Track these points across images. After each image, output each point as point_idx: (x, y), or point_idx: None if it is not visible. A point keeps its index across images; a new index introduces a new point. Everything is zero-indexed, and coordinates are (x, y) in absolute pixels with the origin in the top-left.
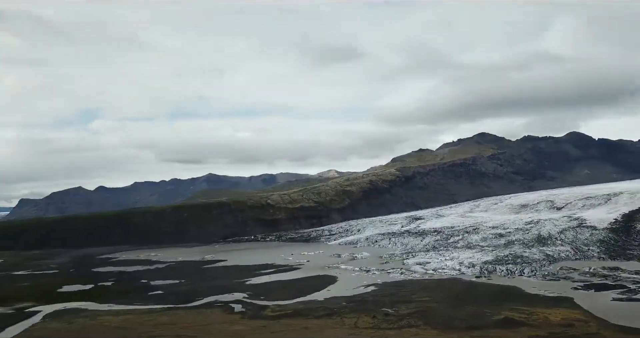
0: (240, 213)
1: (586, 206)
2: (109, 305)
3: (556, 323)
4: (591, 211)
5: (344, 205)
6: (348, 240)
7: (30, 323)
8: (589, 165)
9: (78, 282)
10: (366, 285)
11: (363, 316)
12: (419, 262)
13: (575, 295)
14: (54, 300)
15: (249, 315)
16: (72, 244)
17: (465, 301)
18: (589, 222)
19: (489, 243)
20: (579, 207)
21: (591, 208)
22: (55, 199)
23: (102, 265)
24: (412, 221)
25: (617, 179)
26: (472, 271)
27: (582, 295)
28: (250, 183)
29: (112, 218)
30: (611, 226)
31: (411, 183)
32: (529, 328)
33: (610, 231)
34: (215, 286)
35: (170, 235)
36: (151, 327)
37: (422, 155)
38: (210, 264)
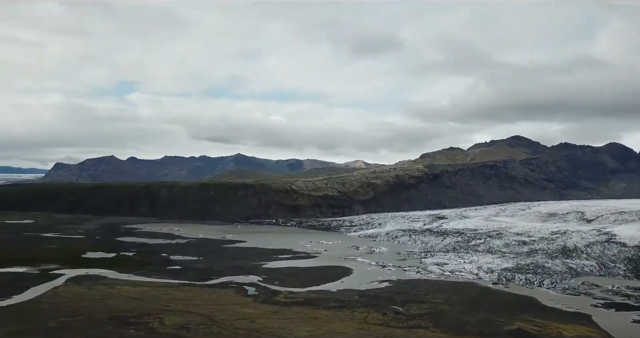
0: (264, 196)
1: (618, 221)
2: (128, 275)
3: None
4: (622, 226)
5: (368, 197)
6: (368, 233)
7: (53, 285)
8: (626, 179)
9: (102, 250)
10: (380, 281)
11: (373, 312)
12: (436, 262)
13: (593, 312)
14: (78, 265)
15: (261, 299)
16: (101, 211)
17: (478, 307)
18: (618, 238)
19: (511, 250)
20: (610, 221)
21: (623, 223)
22: (89, 166)
23: (126, 235)
24: (435, 220)
25: None
26: (490, 277)
27: (601, 314)
28: (276, 167)
29: (141, 189)
30: None
31: (438, 181)
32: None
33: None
34: (232, 267)
35: (194, 211)
36: (166, 301)
37: (452, 153)
38: (230, 244)
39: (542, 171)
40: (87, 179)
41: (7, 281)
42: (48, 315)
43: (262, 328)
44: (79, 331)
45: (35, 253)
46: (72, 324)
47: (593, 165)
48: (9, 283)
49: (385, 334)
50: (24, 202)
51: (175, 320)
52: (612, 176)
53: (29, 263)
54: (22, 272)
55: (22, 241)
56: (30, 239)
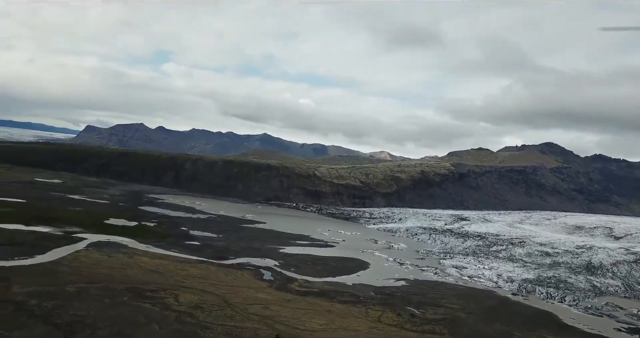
0: (287, 179)
1: None
2: (147, 246)
3: None
4: None
5: (390, 191)
6: (388, 227)
7: (75, 248)
8: None
9: (124, 217)
10: (397, 279)
11: (388, 311)
12: (455, 265)
13: (616, 337)
14: (100, 231)
15: (276, 285)
16: (126, 178)
17: (496, 317)
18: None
19: (533, 260)
20: (639, 241)
21: None
22: (118, 131)
23: (148, 205)
24: (456, 221)
25: None
26: (510, 286)
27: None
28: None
29: (167, 160)
30: None
31: (464, 180)
32: None
33: None
34: (249, 248)
35: (217, 187)
36: (182, 277)
37: (480, 154)
38: (249, 224)
39: (572, 182)
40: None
41: (31, 240)
42: (67, 279)
43: (275, 316)
44: (96, 299)
45: (60, 214)
46: (90, 291)
47: (627, 180)
48: (33, 243)
49: (398, 337)
50: (54, 161)
51: (190, 298)
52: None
53: (54, 224)
54: (46, 232)
55: (49, 200)
56: (57, 199)
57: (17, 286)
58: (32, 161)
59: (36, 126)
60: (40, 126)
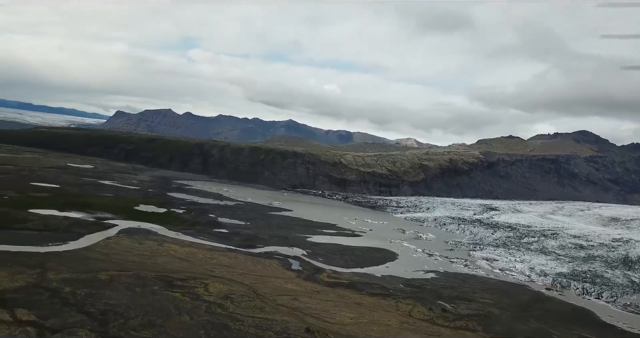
0: (312, 166)
1: None
2: (176, 233)
3: None
4: None
5: (418, 179)
6: (415, 216)
7: (106, 235)
8: None
9: (154, 203)
10: (426, 271)
11: (419, 305)
12: (486, 257)
13: None
14: (130, 217)
15: (304, 275)
16: (154, 163)
17: (531, 314)
18: None
19: (567, 253)
20: None
21: None
22: (147, 116)
23: (177, 191)
24: (486, 210)
25: None
26: (543, 280)
27: None
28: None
29: (194, 146)
30: None
31: (493, 169)
32: None
33: None
34: (277, 237)
35: (244, 173)
36: (212, 265)
37: (510, 142)
38: (276, 211)
39: (608, 171)
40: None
41: (65, 225)
42: (100, 266)
43: (304, 307)
44: (127, 287)
45: (92, 200)
46: (121, 279)
47: None
48: (66, 228)
49: (431, 332)
50: (85, 146)
51: (219, 288)
52: None
53: (86, 209)
54: (79, 218)
55: (81, 186)
56: (89, 185)
57: (51, 272)
58: (65, 147)
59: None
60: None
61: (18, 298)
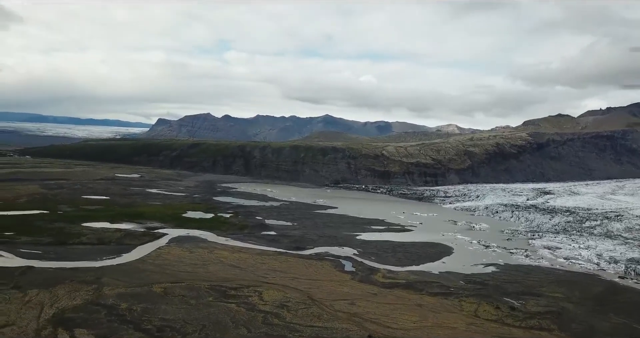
0: (353, 160)
1: None
2: (225, 238)
3: None
4: None
5: (464, 167)
6: (465, 205)
7: (157, 245)
8: None
9: (200, 209)
10: (486, 264)
11: (484, 304)
12: (547, 246)
13: None
14: (179, 225)
15: (359, 277)
16: (198, 168)
17: (608, 307)
18: None
19: (635, 236)
20: None
21: None
22: (187, 122)
23: (222, 195)
24: (539, 195)
25: None
26: (615, 268)
27: None
28: (364, 129)
29: (235, 149)
30: None
31: (543, 151)
32: None
33: None
34: (325, 236)
35: (285, 172)
36: (263, 271)
37: (560, 121)
38: (322, 210)
39: None
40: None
41: (117, 238)
42: (153, 278)
43: (363, 313)
44: (182, 300)
45: (141, 210)
46: (175, 291)
47: None
48: (118, 240)
49: (501, 334)
50: (131, 156)
51: (274, 296)
52: None
53: (136, 220)
54: (129, 229)
55: (130, 196)
56: (137, 194)
57: (107, 288)
58: (112, 158)
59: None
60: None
61: (77, 318)
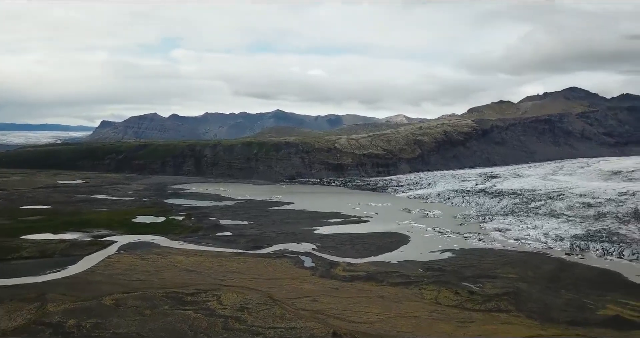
0: (307, 155)
1: None
2: (179, 242)
3: None
4: None
5: (414, 155)
6: (418, 193)
7: (106, 253)
8: None
9: (151, 213)
10: (442, 250)
11: (444, 290)
12: (497, 228)
13: None
14: (129, 231)
15: (320, 272)
16: (147, 171)
17: (560, 284)
18: None
19: (576, 213)
20: None
21: None
22: (133, 123)
23: (174, 196)
24: (487, 179)
25: None
26: (561, 245)
27: None
28: (316, 123)
29: (185, 148)
30: None
31: (488, 136)
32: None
33: None
34: (283, 233)
35: (238, 170)
36: (221, 274)
37: (502, 107)
38: (278, 206)
39: (601, 125)
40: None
41: (61, 249)
42: (103, 289)
43: (326, 309)
44: (136, 311)
45: (87, 217)
46: (128, 302)
47: None
48: (63, 252)
49: (463, 319)
50: (74, 160)
51: (233, 299)
52: None
53: (82, 229)
54: (75, 239)
55: (75, 203)
56: (82, 201)
57: (52, 304)
58: (53, 164)
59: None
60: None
61: None
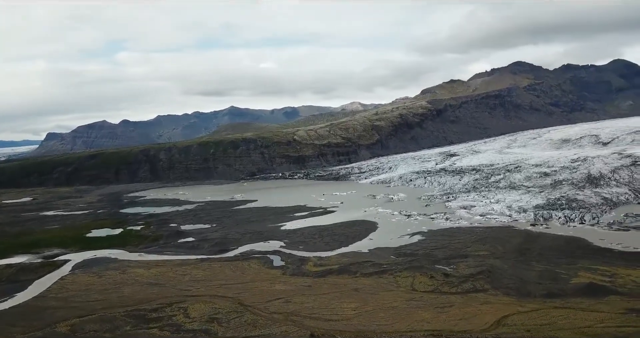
0: (266, 149)
1: (636, 141)
2: (139, 254)
3: None
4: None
5: (373, 141)
6: (380, 178)
7: (59, 274)
8: (633, 95)
9: (107, 225)
10: (411, 234)
11: (418, 275)
12: (462, 205)
13: None
14: (84, 247)
15: (290, 270)
16: (101, 181)
17: (530, 256)
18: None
19: (534, 183)
20: (627, 142)
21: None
22: (81, 132)
23: (130, 205)
24: (446, 158)
25: None
26: (525, 217)
27: None
28: (272, 116)
29: (139, 154)
30: None
31: (442, 116)
32: (620, 297)
33: None
34: (249, 233)
35: (197, 171)
36: (186, 284)
37: (453, 86)
38: (241, 205)
39: (547, 96)
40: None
41: (7, 275)
42: (57, 316)
43: (300, 309)
44: (95, 336)
45: (36, 237)
46: (86, 326)
47: (598, 85)
48: (10, 278)
49: (442, 304)
50: (20, 178)
51: (201, 310)
52: (618, 95)
53: (31, 250)
54: (23, 262)
55: (22, 223)
56: (30, 220)
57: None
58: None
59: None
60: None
61: None
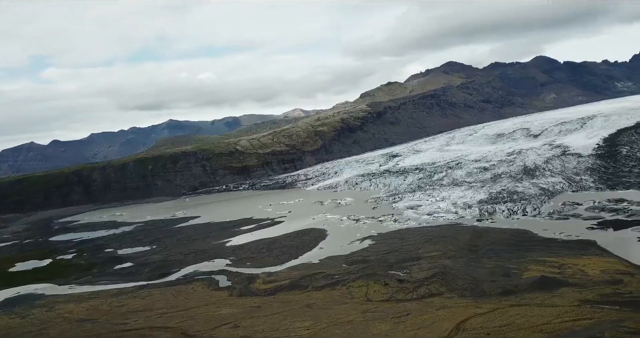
0: (208, 162)
1: (563, 132)
2: (69, 286)
3: (599, 279)
4: (570, 137)
5: (317, 147)
6: (326, 184)
7: None
8: (555, 89)
9: (34, 257)
10: (361, 239)
11: (372, 283)
12: (409, 206)
13: (595, 236)
14: (5, 284)
15: (237, 290)
16: (29, 207)
17: (480, 253)
18: (572, 149)
19: (475, 178)
20: (555, 133)
21: (569, 133)
22: (7, 156)
23: (61, 232)
24: (389, 159)
25: (583, 101)
26: (471, 213)
27: (603, 237)
28: (213, 128)
29: (70, 175)
30: (596, 152)
31: (383, 118)
32: (572, 289)
33: (596, 157)
34: (192, 252)
35: (135, 190)
36: (122, 316)
37: (391, 88)
38: (183, 222)
39: (479, 94)
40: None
41: None
42: None
43: (250, 334)
44: None
45: None
46: None
47: (524, 81)
48: None
49: (398, 313)
50: None
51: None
52: (543, 89)
53: None
54: None
55: None
56: None
57: None
58: None
59: None
60: None
61: None
